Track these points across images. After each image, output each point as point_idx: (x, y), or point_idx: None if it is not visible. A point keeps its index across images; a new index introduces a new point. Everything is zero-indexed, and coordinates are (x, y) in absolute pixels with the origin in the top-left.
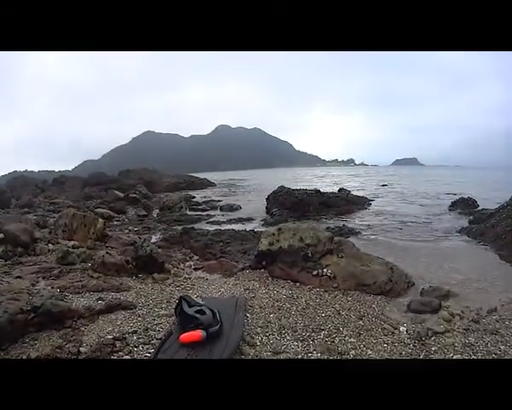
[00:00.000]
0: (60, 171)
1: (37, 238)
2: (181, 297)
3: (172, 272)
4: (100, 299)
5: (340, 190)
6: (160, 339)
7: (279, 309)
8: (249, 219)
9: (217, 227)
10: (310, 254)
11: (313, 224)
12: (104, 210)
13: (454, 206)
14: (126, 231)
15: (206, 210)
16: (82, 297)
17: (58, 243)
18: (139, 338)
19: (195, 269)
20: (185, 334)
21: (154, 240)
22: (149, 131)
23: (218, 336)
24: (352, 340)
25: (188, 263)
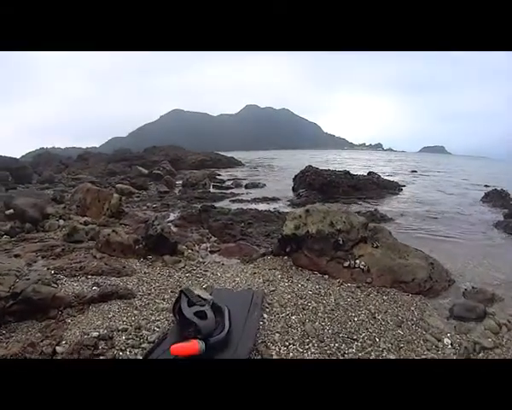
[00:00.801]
0: (87, 148)
1: (50, 214)
2: (181, 291)
3: (186, 254)
4: (96, 285)
5: (370, 173)
6: (153, 343)
7: (303, 309)
8: (274, 199)
9: (239, 206)
10: (341, 242)
11: (342, 207)
12: (125, 186)
13: (487, 197)
14: (144, 207)
15: (230, 188)
16: (77, 281)
17: (70, 218)
18: (128, 339)
19: (211, 252)
20: (178, 345)
21: (171, 218)
22: (177, 110)
23: (225, 346)
24: (391, 356)
25: (204, 245)
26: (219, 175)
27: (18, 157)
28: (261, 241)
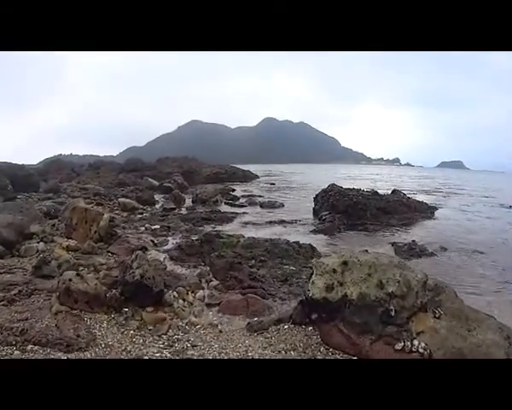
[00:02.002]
0: (105, 156)
1: (33, 233)
2: None
3: (175, 306)
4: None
5: (394, 191)
6: None
7: None
8: (293, 222)
9: (251, 230)
10: (393, 312)
11: (394, 257)
12: (128, 200)
13: None
14: (142, 228)
15: (243, 206)
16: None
17: (53, 241)
18: None
19: (209, 305)
20: None
21: (169, 246)
22: (196, 121)
23: None
24: None
25: (200, 293)
26: (233, 191)
27: (35, 163)
28: (276, 288)
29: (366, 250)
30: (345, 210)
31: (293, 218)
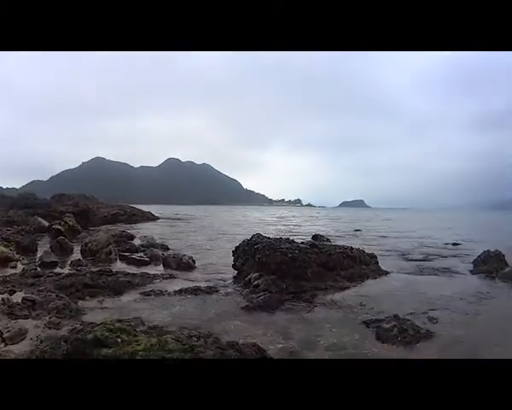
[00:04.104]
0: (7, 188)
1: None
2: None
3: None
4: None
5: (316, 236)
6: None
7: None
8: (213, 292)
9: (154, 314)
10: None
11: None
12: (1, 248)
13: (482, 264)
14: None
15: (142, 262)
16: None
17: None
18: None
19: None
20: None
21: (25, 343)
22: (99, 158)
23: None
24: None
25: None
26: (131, 238)
27: None
28: None
29: None
30: (277, 268)
31: (210, 283)
